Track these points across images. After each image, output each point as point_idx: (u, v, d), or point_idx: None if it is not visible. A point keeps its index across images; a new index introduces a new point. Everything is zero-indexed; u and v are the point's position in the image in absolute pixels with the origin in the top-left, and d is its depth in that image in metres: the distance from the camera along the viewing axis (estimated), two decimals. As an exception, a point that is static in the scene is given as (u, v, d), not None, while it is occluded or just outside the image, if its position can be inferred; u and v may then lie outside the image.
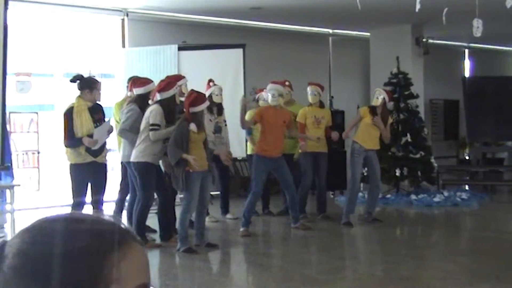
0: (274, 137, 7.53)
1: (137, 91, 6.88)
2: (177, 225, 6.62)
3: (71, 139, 6.37)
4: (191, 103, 6.35)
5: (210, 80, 8.48)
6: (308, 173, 8.48)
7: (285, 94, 8.50)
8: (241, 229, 7.50)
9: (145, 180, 6.56)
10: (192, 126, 6.33)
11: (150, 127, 6.50)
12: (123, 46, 10.59)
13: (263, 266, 6.26)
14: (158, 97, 6.61)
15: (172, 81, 6.83)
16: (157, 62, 9.99)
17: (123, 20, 10.54)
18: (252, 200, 7.56)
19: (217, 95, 8.38)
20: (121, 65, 10.06)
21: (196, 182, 6.38)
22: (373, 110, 8.23)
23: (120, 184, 7.57)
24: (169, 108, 6.61)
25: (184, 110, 6.46)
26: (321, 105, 8.71)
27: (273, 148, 7.50)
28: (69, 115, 6.40)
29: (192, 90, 6.78)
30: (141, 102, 6.82)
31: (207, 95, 8.37)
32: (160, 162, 6.85)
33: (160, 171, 6.86)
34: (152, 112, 6.53)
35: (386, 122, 8.24)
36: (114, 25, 10.60)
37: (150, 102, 6.83)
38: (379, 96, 8.26)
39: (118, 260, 0.93)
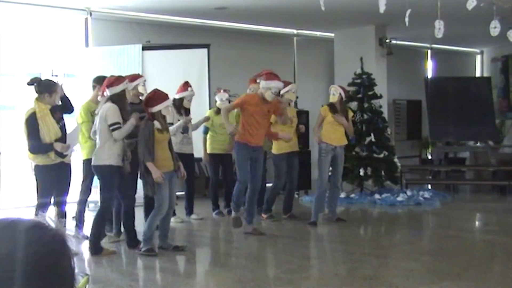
0: (257, 126, 7.40)
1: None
2: (145, 226, 6.53)
3: (39, 145, 6.23)
4: (146, 104, 6.32)
5: (187, 83, 8.45)
6: (282, 175, 8.50)
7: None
8: (233, 215, 7.55)
9: (108, 182, 6.41)
10: (156, 123, 6.29)
11: (112, 127, 6.32)
12: (87, 45, 10.46)
13: (227, 266, 6.24)
14: (107, 92, 6.44)
15: (121, 76, 6.67)
16: (121, 61, 9.90)
17: (86, 19, 10.42)
18: (241, 188, 7.46)
19: (188, 100, 8.39)
20: (84, 65, 9.94)
21: (164, 183, 6.32)
22: (332, 107, 8.29)
23: (82, 185, 7.44)
24: (121, 103, 6.42)
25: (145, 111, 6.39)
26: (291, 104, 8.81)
27: (255, 137, 7.38)
28: (32, 120, 6.24)
29: (154, 89, 6.71)
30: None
31: (178, 97, 8.33)
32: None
33: (123, 173, 6.77)
34: (109, 111, 6.35)
35: (346, 117, 8.32)
36: (77, 24, 10.46)
37: (99, 98, 6.71)
38: (335, 93, 8.34)
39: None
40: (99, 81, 7.22)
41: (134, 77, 7.59)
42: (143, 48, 10.10)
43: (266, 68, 8.02)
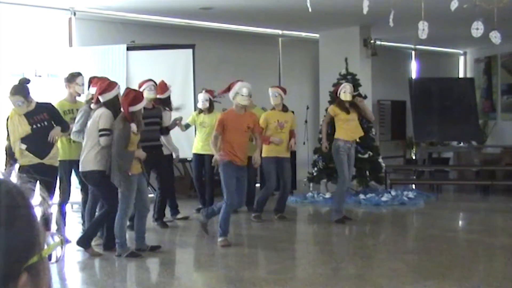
0: (237, 145, 6.90)
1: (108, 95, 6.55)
2: (116, 230, 6.39)
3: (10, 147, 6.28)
4: (130, 103, 6.13)
5: (165, 82, 8.45)
6: (272, 178, 8.47)
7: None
8: (220, 239, 7.00)
9: (104, 187, 6.33)
10: (133, 127, 6.15)
11: (100, 133, 6.26)
12: (70, 45, 10.40)
13: (213, 266, 6.24)
14: (101, 99, 6.39)
15: (112, 81, 6.63)
16: (105, 62, 9.85)
17: (70, 19, 10.36)
18: (227, 212, 6.95)
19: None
20: (68, 65, 9.87)
21: (134, 184, 6.24)
22: (342, 104, 8.29)
23: (59, 188, 7.31)
24: (115, 109, 6.37)
25: (122, 109, 6.23)
26: (284, 108, 8.69)
27: (237, 156, 6.90)
28: (6, 121, 6.31)
29: (128, 88, 6.64)
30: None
31: (165, 96, 8.29)
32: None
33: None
34: (102, 117, 6.29)
35: (355, 110, 8.35)
36: (61, 24, 10.40)
37: (92, 106, 6.64)
38: (350, 91, 8.35)
39: (35, 219, 0.98)
40: (71, 79, 7.19)
41: (142, 84, 7.66)
42: (128, 48, 10.06)
43: (251, 68, 7.99)
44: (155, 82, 7.97)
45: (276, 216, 8.73)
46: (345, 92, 8.32)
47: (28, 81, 6.49)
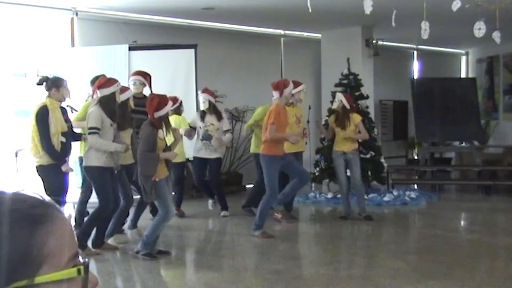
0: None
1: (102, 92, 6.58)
2: (148, 230, 6.35)
3: (50, 146, 6.29)
4: (155, 108, 6.08)
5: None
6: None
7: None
8: (259, 233, 7.47)
9: (97, 183, 6.39)
10: (160, 133, 6.14)
11: (88, 131, 6.32)
12: (72, 45, 10.41)
13: (214, 266, 6.25)
14: (98, 94, 6.43)
15: (113, 78, 6.64)
16: (108, 62, 9.86)
17: (72, 19, 10.36)
18: (270, 203, 7.56)
19: (203, 102, 8.56)
20: (70, 65, 9.89)
21: (165, 188, 6.20)
22: (336, 116, 8.60)
23: (82, 185, 7.42)
24: (109, 106, 6.37)
25: (149, 116, 6.19)
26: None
27: (282, 146, 7.51)
28: (43, 111, 6.30)
29: (152, 94, 6.68)
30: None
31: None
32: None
33: (124, 176, 6.72)
34: (91, 114, 6.34)
35: (344, 124, 8.45)
36: (63, 24, 10.41)
37: (90, 99, 6.78)
38: (336, 100, 8.64)
39: (46, 237, 0.88)
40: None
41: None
42: (130, 48, 10.07)
43: (253, 68, 8.02)
44: (148, 76, 7.85)
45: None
46: (335, 102, 8.69)
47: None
